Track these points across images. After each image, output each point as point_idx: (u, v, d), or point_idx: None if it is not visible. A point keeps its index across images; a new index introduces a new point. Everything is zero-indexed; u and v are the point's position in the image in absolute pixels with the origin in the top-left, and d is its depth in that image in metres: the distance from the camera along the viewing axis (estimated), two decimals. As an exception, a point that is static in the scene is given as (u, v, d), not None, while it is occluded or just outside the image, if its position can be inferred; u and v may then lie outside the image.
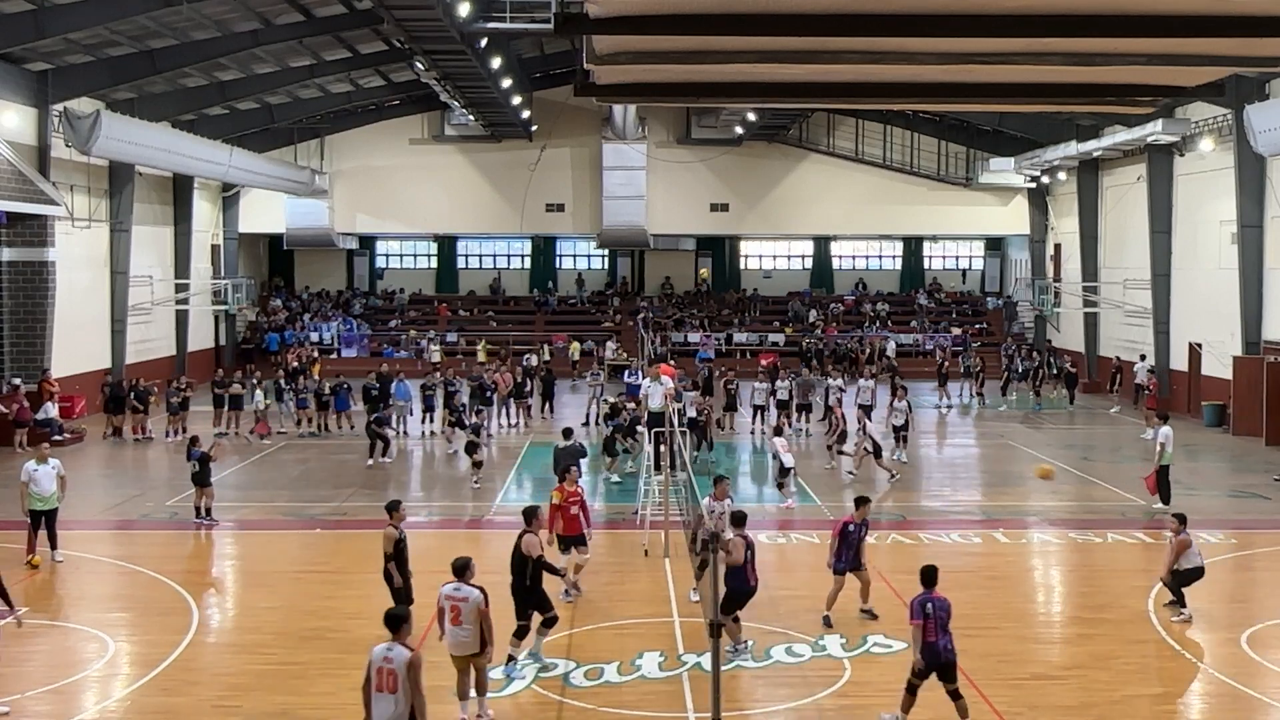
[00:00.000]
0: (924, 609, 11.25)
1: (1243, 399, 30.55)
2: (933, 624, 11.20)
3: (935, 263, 54.49)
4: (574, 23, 16.76)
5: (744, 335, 48.13)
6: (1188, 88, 21.77)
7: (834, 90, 22.32)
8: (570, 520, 15.78)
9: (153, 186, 38.93)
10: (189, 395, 31.42)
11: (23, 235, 30.83)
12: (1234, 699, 12.54)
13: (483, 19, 30.90)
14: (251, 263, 50.28)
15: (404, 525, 14.54)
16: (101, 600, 16.12)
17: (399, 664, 9.25)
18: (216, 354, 44.17)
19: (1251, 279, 31.08)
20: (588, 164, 47.67)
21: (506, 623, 12.79)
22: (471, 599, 11.38)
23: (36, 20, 27.39)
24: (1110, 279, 40.84)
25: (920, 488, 24.30)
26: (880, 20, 15.36)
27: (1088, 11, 15.22)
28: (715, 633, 10.02)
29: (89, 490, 23.71)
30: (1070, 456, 27.95)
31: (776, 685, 12.78)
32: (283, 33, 32.76)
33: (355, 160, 47.40)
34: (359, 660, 12.32)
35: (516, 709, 12.20)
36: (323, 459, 26.63)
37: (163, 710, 12.08)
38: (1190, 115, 33.69)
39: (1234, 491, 23.86)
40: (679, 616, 14.96)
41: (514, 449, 28.85)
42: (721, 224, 48.63)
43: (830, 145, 47.56)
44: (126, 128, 32.12)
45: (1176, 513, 15.97)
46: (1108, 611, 15.34)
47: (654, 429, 22.04)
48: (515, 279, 53.58)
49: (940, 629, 11.24)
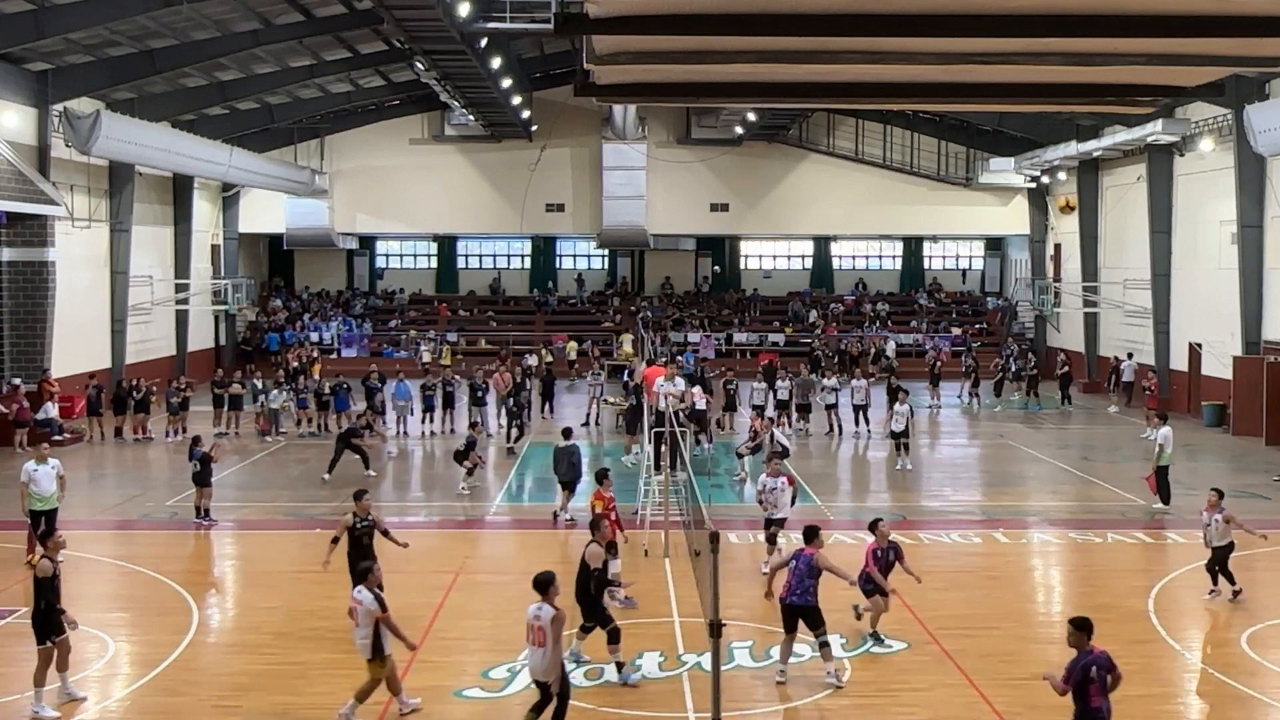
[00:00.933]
0: (1087, 672, 9.46)
1: (1243, 399, 30.55)
2: (1097, 688, 9.52)
3: (935, 263, 54.49)
4: (574, 23, 16.75)
5: (744, 335, 48.13)
6: (1188, 88, 21.76)
7: (834, 90, 22.31)
8: (611, 526, 16.04)
9: (153, 186, 38.93)
10: (189, 395, 31.43)
11: (23, 235, 30.83)
12: (1234, 699, 12.54)
13: (483, 19, 30.90)
14: (251, 263, 50.28)
15: (384, 520, 15.21)
16: (101, 600, 16.12)
17: (545, 620, 10.77)
18: (216, 354, 44.17)
19: (1251, 279, 31.08)
20: (588, 164, 47.67)
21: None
22: (543, 616, 11.03)
23: (36, 20, 27.39)
24: (1110, 279, 40.84)
25: (920, 488, 24.30)
26: (880, 20, 15.36)
27: (1088, 11, 15.21)
28: (715, 633, 10.02)
29: (89, 490, 23.74)
30: (1070, 456, 27.97)
31: (776, 685, 12.77)
32: (283, 33, 32.77)
33: (355, 160, 47.40)
34: (359, 660, 12.34)
35: (517, 709, 12.19)
36: (323, 459, 26.55)
37: (163, 710, 12.08)
38: (1190, 115, 33.69)
39: (1234, 491, 23.71)
40: (679, 616, 14.96)
41: (514, 449, 28.84)
42: (721, 224, 48.63)
43: (830, 145, 47.57)
44: (126, 128, 32.12)
45: (1216, 487, 16.51)
46: (1108, 611, 15.31)
47: (654, 430, 22.03)
48: (515, 279, 53.58)
49: (1103, 691, 9.56)
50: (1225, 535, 15.85)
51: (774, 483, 17.34)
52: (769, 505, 17.28)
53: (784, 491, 17.35)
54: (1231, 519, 15.91)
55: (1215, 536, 15.87)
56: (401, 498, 23.88)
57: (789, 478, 17.78)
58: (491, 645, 14.02)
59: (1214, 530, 15.86)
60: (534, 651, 10.98)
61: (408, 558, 18.90)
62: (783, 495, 17.32)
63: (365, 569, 11.96)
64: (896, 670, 13.13)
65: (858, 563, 14.35)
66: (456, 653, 13.86)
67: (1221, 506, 15.93)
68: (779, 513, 17.27)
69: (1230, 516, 15.92)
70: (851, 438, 30.67)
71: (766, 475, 17.63)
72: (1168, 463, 21.74)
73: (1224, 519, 15.80)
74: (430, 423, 31.07)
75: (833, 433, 30.96)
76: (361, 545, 14.72)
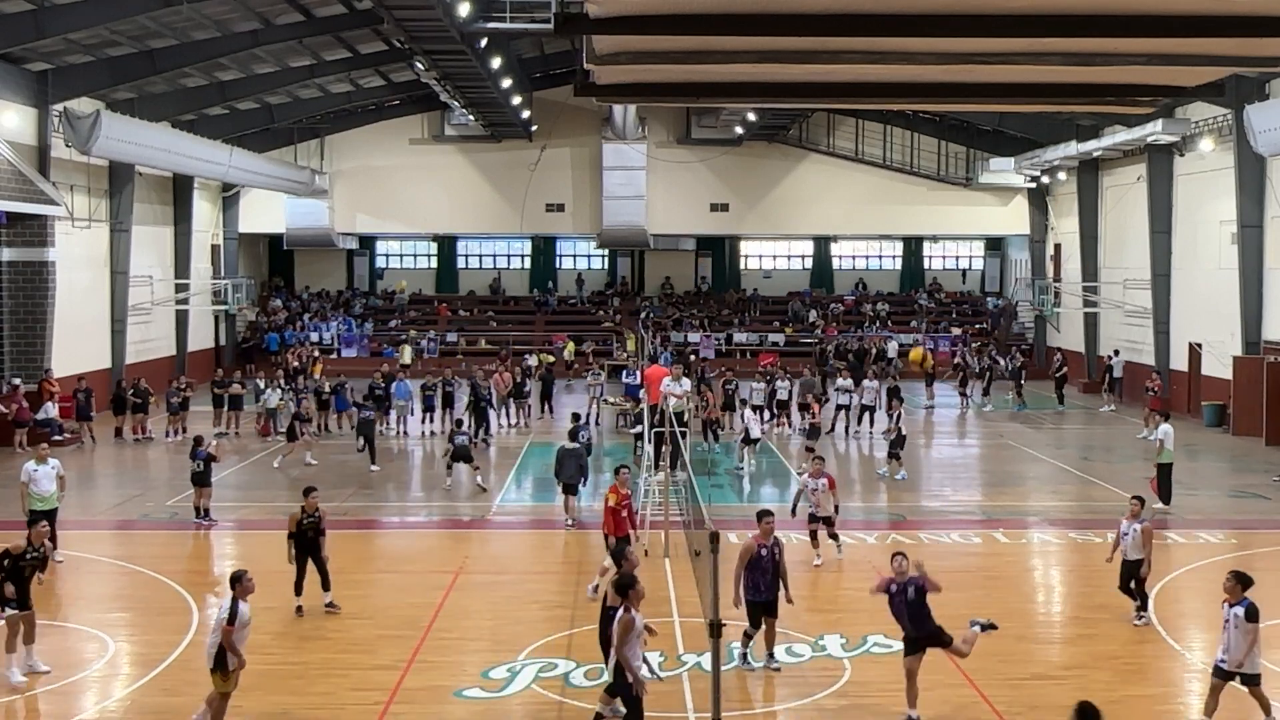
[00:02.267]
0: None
1: (1243, 399, 30.56)
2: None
3: (935, 263, 54.48)
4: (574, 23, 16.74)
5: (744, 335, 48.13)
6: (1188, 88, 21.75)
7: (834, 90, 22.30)
8: (620, 523, 16.23)
9: (153, 186, 38.92)
10: (189, 395, 31.42)
11: (23, 235, 30.81)
12: (1234, 699, 12.53)
13: (483, 19, 30.89)
14: (251, 263, 50.27)
15: (327, 513, 15.70)
16: (101, 600, 16.13)
17: (617, 623, 10.68)
18: (216, 354, 44.15)
19: (1251, 279, 31.08)
20: (588, 164, 47.66)
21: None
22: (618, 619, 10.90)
23: (36, 20, 27.37)
24: (1110, 279, 40.83)
25: (920, 488, 24.30)
26: (880, 20, 15.34)
27: (1088, 11, 15.20)
28: (715, 633, 10.01)
29: (89, 490, 23.74)
30: (1069, 456, 27.97)
31: (776, 685, 12.78)
32: (283, 33, 32.76)
33: (355, 160, 47.39)
34: (359, 660, 12.37)
35: (517, 709, 12.20)
36: (323, 459, 26.59)
37: (163, 710, 12.07)
38: (1190, 115, 33.69)
39: (1234, 491, 23.86)
40: (679, 616, 14.96)
41: (514, 449, 28.86)
42: (721, 224, 48.62)
43: (830, 145, 47.56)
44: (126, 128, 32.11)
45: (1137, 495, 15.68)
46: (1108, 611, 15.32)
47: (654, 430, 22.03)
48: (515, 279, 53.57)
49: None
50: (1141, 548, 14.67)
51: (814, 483, 17.66)
52: (814, 505, 17.62)
53: (825, 493, 17.63)
54: (1150, 532, 14.77)
55: (1132, 548, 14.72)
56: (401, 498, 23.88)
57: (830, 479, 17.93)
58: (491, 645, 14.02)
59: (1130, 540, 14.72)
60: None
61: (408, 558, 18.99)
62: (824, 496, 17.62)
63: (236, 576, 11.52)
64: (896, 670, 13.11)
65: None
66: (456, 653, 13.86)
67: (1143, 517, 14.98)
68: (822, 512, 17.62)
69: (1150, 530, 14.83)
70: (854, 438, 30.68)
71: (809, 475, 17.99)
72: (1169, 460, 21.73)
73: (1144, 530, 14.67)
74: (430, 423, 31.09)
75: (834, 432, 30.97)
76: (306, 540, 15.22)
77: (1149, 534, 14.73)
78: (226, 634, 10.97)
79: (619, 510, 16.33)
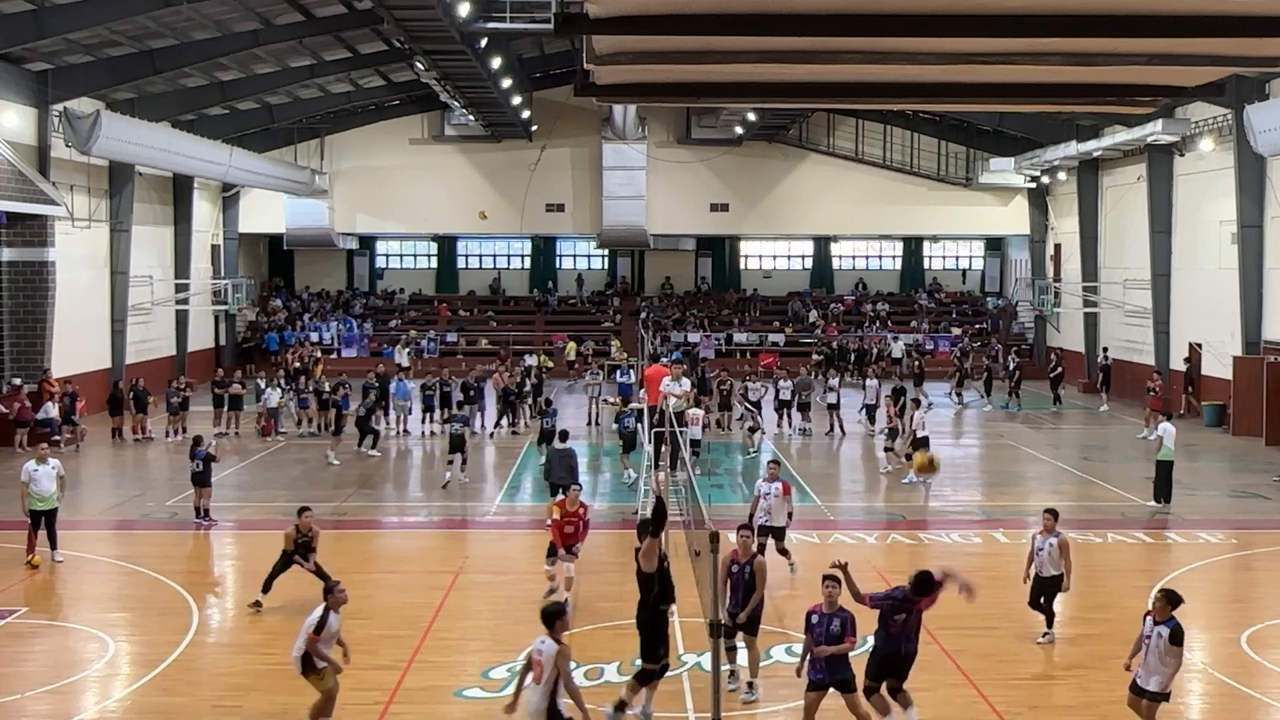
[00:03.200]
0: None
1: (1243, 399, 30.55)
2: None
3: (935, 263, 54.46)
4: (574, 23, 16.75)
5: (744, 335, 48.12)
6: (1188, 88, 21.78)
7: (834, 90, 22.33)
8: (566, 536, 15.56)
9: (153, 186, 38.92)
10: (189, 395, 31.41)
11: (23, 235, 30.82)
12: (1234, 699, 12.54)
13: (483, 19, 30.90)
14: (251, 263, 50.27)
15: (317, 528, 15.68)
16: (101, 600, 16.13)
17: (547, 656, 9.70)
18: (216, 354, 44.15)
19: (1251, 279, 31.08)
20: (588, 164, 47.66)
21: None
22: (545, 651, 9.85)
23: (36, 20, 27.37)
24: (1110, 279, 40.84)
25: (919, 487, 24.27)
26: (880, 20, 15.35)
27: (1088, 11, 15.21)
28: (715, 633, 10.01)
29: (89, 490, 23.74)
30: (1069, 456, 27.96)
31: (776, 685, 12.76)
32: (283, 33, 32.75)
33: (355, 160, 47.38)
34: (359, 660, 12.34)
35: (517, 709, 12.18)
36: (322, 459, 26.60)
37: (163, 710, 12.08)
38: (1190, 115, 33.68)
39: (1234, 491, 23.85)
40: (679, 617, 14.93)
41: (514, 449, 28.84)
42: (721, 224, 48.61)
43: (830, 145, 47.55)
44: (126, 128, 32.11)
45: (1050, 508, 14.73)
46: (1108, 611, 15.33)
47: (654, 430, 22.03)
48: (515, 279, 53.56)
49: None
50: (1058, 564, 13.94)
51: (768, 488, 16.48)
52: (765, 513, 16.41)
53: (779, 500, 16.46)
54: (1068, 545, 14.05)
55: (1048, 564, 13.97)
56: (401, 498, 23.88)
57: (785, 485, 16.90)
58: (491, 645, 14.02)
59: (1046, 556, 13.97)
60: (532, 689, 9.84)
61: (408, 558, 18.99)
62: (777, 503, 16.45)
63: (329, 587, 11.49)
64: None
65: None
66: (456, 653, 13.86)
67: (1058, 531, 14.08)
68: (773, 521, 16.47)
69: (1066, 544, 14.01)
70: (855, 438, 30.71)
71: (763, 480, 16.72)
72: (1169, 458, 21.72)
73: (1060, 544, 13.90)
74: (430, 423, 31.08)
75: (832, 432, 30.98)
76: (303, 553, 15.41)
77: (1066, 546, 14.01)
78: (312, 642, 11.08)
79: (562, 525, 15.58)
